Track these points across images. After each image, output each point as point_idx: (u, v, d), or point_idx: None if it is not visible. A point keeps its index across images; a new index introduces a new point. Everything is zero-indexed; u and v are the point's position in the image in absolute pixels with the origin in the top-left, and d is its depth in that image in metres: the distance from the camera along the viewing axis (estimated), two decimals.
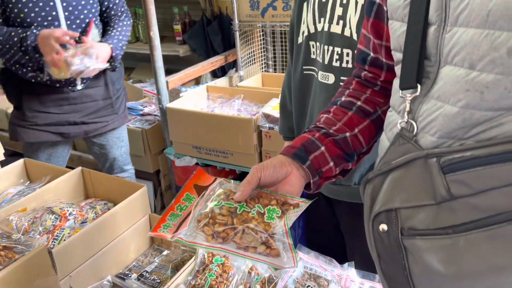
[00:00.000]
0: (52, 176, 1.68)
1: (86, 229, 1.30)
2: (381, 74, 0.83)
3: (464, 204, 0.54)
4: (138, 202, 1.50)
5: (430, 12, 0.59)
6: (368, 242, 0.65)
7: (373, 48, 0.82)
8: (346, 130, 0.80)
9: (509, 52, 0.49)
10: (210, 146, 2.17)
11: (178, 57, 2.99)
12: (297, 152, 0.76)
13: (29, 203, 1.47)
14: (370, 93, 0.84)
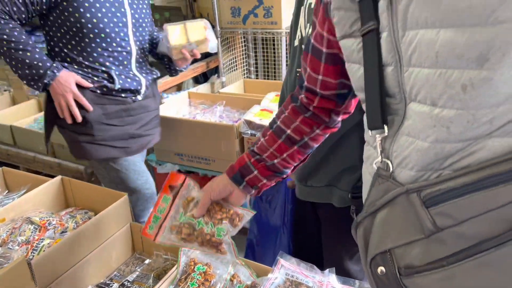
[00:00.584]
0: (31, 185, 1.65)
1: (67, 239, 1.28)
2: (315, 100, 0.91)
3: (451, 234, 0.56)
4: (119, 211, 1.49)
5: (384, 54, 0.62)
6: (370, 284, 0.68)
7: (308, 79, 0.90)
8: (276, 156, 0.95)
9: (463, 88, 0.52)
10: (192, 153, 2.17)
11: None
12: (234, 176, 0.97)
13: (7, 213, 1.45)
14: (300, 121, 0.94)
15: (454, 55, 0.53)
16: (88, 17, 1.53)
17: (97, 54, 1.60)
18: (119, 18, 1.59)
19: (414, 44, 0.57)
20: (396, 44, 0.60)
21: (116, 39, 1.60)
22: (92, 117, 1.64)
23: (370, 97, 0.65)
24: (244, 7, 2.47)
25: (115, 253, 1.49)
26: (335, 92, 0.88)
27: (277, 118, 0.98)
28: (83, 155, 1.72)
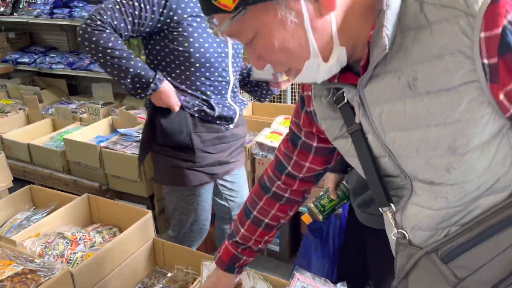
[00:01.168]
0: (58, 202, 1.77)
1: (99, 253, 1.40)
2: (295, 184, 1.03)
3: (472, 281, 0.68)
4: (143, 228, 1.60)
5: (374, 150, 0.75)
6: None
7: (293, 166, 1.00)
8: (259, 242, 1.11)
9: (447, 170, 0.66)
10: None
11: None
12: (227, 268, 1.14)
13: (40, 228, 1.56)
14: (276, 210, 1.07)
15: (430, 148, 0.66)
16: (197, 47, 1.57)
17: (199, 83, 1.63)
18: (222, 49, 1.64)
19: (396, 143, 0.70)
20: (382, 142, 0.73)
21: (218, 69, 1.64)
22: (196, 144, 1.67)
23: (372, 184, 0.77)
24: None
25: (139, 266, 1.59)
26: (316, 173, 1.01)
27: (252, 208, 1.10)
28: (179, 181, 1.71)
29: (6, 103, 3.70)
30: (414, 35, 0.63)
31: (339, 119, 0.79)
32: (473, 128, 0.62)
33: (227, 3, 0.62)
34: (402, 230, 0.78)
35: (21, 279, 1.10)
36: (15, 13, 3.73)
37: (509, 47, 0.56)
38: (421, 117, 0.64)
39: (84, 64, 3.50)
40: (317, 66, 0.68)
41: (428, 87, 0.62)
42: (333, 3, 0.62)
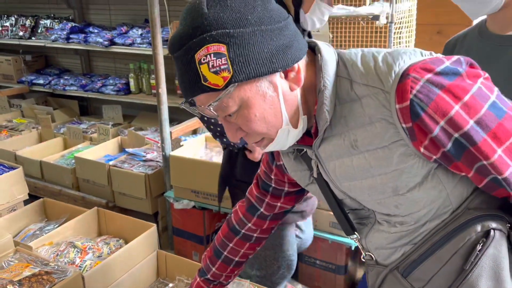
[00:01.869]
0: (70, 214, 1.89)
1: (106, 262, 1.51)
2: (265, 224, 1.15)
3: None
4: (148, 240, 1.72)
5: (337, 194, 0.89)
6: None
7: (265, 207, 1.12)
8: (229, 277, 1.21)
9: (396, 207, 0.81)
10: (207, 191, 2.40)
11: (178, 108, 3.27)
12: None
13: (53, 238, 1.68)
14: (246, 248, 1.17)
15: (378, 193, 0.81)
16: None
17: None
18: None
19: (351, 190, 0.85)
20: (340, 190, 0.87)
21: None
22: None
23: (338, 218, 0.93)
24: None
25: (143, 276, 1.70)
26: (286, 210, 1.14)
27: (222, 249, 1.19)
28: None
29: (20, 121, 3.87)
30: (350, 107, 0.78)
31: (306, 170, 0.93)
32: (407, 174, 0.76)
33: (217, 82, 0.71)
34: (369, 252, 0.92)
35: (37, 280, 1.22)
36: (33, 37, 3.94)
37: (418, 114, 0.70)
38: (365, 169, 0.79)
39: (96, 86, 3.68)
40: (287, 133, 0.80)
41: (367, 146, 0.77)
42: (300, 80, 0.77)
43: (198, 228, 2.54)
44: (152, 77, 3.42)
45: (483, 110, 0.70)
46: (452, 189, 0.78)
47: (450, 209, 0.80)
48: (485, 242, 0.76)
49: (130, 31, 3.44)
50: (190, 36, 0.71)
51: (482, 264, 0.76)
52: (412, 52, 0.75)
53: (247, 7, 0.72)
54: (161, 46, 2.42)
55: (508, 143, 0.71)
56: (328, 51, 0.80)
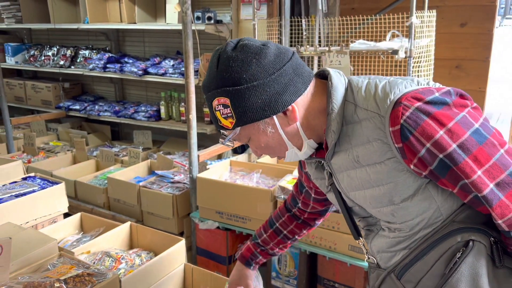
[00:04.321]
0: (105, 228, 2.03)
1: (141, 269, 1.63)
2: (305, 214, 1.33)
3: None
4: (176, 253, 1.83)
5: (347, 202, 1.05)
6: None
7: (302, 204, 1.32)
8: (275, 247, 1.40)
9: (392, 214, 0.94)
10: (231, 212, 2.52)
11: (206, 135, 3.44)
12: (247, 262, 1.42)
13: (90, 247, 1.82)
14: (294, 226, 1.36)
15: (377, 202, 0.94)
16: None
17: None
18: None
19: (357, 198, 0.99)
20: (349, 198, 1.02)
21: None
22: None
23: (348, 224, 1.08)
24: None
25: (171, 286, 1.81)
26: (320, 211, 1.32)
27: (275, 221, 1.39)
28: None
29: (56, 144, 4.11)
30: (353, 127, 0.92)
31: (324, 179, 1.08)
32: (401, 186, 0.89)
33: (227, 125, 0.93)
34: (372, 256, 1.05)
35: (80, 280, 1.34)
36: (72, 66, 4.24)
37: (407, 137, 0.83)
38: (366, 180, 0.93)
39: (128, 112, 3.91)
40: (295, 153, 1.00)
41: (366, 161, 0.92)
42: (295, 117, 0.93)
43: (221, 248, 2.64)
44: (181, 105, 3.62)
45: (465, 136, 0.82)
46: (442, 202, 0.90)
47: (441, 220, 0.91)
48: (464, 251, 0.87)
49: (163, 62, 3.68)
50: (208, 88, 0.94)
51: (461, 270, 0.87)
52: (410, 81, 0.90)
53: (243, 67, 0.89)
54: (193, 75, 2.61)
55: (488, 165, 0.81)
56: (339, 78, 0.95)
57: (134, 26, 3.59)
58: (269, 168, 2.77)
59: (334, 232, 2.20)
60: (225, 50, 0.91)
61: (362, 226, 1.09)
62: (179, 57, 3.71)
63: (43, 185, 2.03)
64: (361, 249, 2.04)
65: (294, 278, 2.52)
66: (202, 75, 3.25)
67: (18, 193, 1.92)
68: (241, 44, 0.92)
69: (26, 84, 4.60)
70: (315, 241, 2.28)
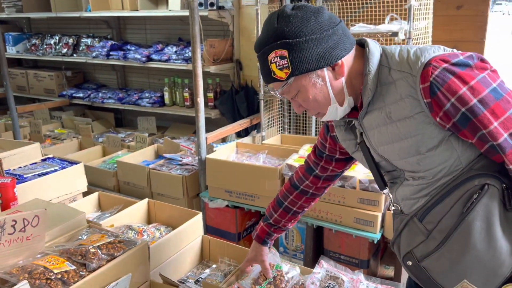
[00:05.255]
0: (123, 205, 2.13)
1: (162, 240, 1.74)
2: (319, 182, 1.46)
3: (436, 232, 1.06)
4: (193, 227, 1.94)
5: (375, 157, 1.17)
6: (406, 271, 1.18)
7: (320, 169, 1.44)
8: (287, 224, 1.54)
9: (418, 163, 1.05)
10: (240, 190, 2.63)
11: (210, 119, 3.54)
12: (263, 242, 1.56)
13: (113, 222, 1.92)
14: (303, 202, 1.50)
15: (405, 153, 1.06)
16: None
17: None
18: None
19: (386, 152, 1.11)
20: (378, 153, 1.15)
21: None
22: None
23: (375, 177, 1.22)
24: None
25: (189, 258, 1.92)
26: (337, 174, 1.45)
27: (284, 200, 1.51)
28: None
29: (61, 132, 4.19)
30: (387, 88, 1.06)
31: (353, 140, 1.22)
32: (427, 138, 1.02)
33: (282, 76, 1.04)
34: (397, 203, 1.18)
35: (113, 246, 1.44)
36: (75, 54, 4.29)
37: (435, 92, 0.97)
38: (396, 134, 1.06)
39: (132, 99, 3.98)
40: (335, 109, 1.11)
41: (398, 117, 1.05)
42: (343, 73, 1.06)
43: (230, 226, 2.76)
44: (185, 91, 3.70)
45: (484, 93, 0.95)
46: (462, 152, 1.03)
47: (460, 168, 1.04)
48: (480, 193, 1.00)
49: (165, 49, 3.75)
50: (265, 43, 1.04)
51: (477, 209, 1.00)
52: (437, 48, 1.03)
53: (303, 22, 1.02)
54: (200, 60, 2.69)
55: (503, 118, 0.95)
56: (375, 45, 1.08)
57: (136, 13, 3.65)
58: (274, 149, 2.87)
59: (340, 206, 2.32)
60: (284, 10, 1.03)
61: (387, 179, 1.22)
62: (181, 44, 3.79)
63: (63, 165, 2.12)
64: (366, 221, 2.18)
65: (301, 252, 2.64)
66: (206, 60, 3.33)
67: (41, 173, 2.01)
68: (299, 5, 1.05)
69: (28, 73, 4.64)
70: (321, 216, 2.41)
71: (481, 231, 1.00)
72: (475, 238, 1.01)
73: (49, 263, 1.32)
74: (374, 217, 2.23)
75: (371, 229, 2.25)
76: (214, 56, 3.41)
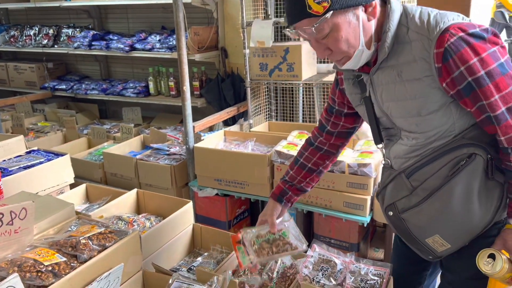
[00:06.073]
0: (111, 196, 2.11)
1: (153, 229, 1.73)
2: (332, 139, 1.49)
3: (420, 190, 1.15)
4: (184, 215, 1.93)
5: (377, 113, 1.24)
6: (387, 221, 1.30)
7: (331, 125, 1.48)
8: (302, 181, 1.54)
9: (417, 124, 1.14)
10: (229, 178, 2.62)
11: (196, 108, 3.50)
12: (278, 198, 1.54)
13: (102, 213, 1.89)
14: (317, 158, 1.52)
15: (407, 112, 1.14)
16: None
17: None
18: None
19: (390, 109, 1.18)
20: (381, 109, 1.21)
21: None
22: None
23: (373, 132, 1.29)
24: (270, 63, 3.01)
25: (181, 247, 1.91)
26: (347, 130, 1.47)
27: (299, 157, 1.54)
28: None
29: (44, 124, 4.10)
30: (403, 47, 1.10)
31: (359, 94, 1.28)
32: (429, 101, 1.07)
33: (319, 10, 1.01)
34: (388, 159, 1.26)
35: (104, 237, 1.42)
36: (55, 45, 4.19)
37: (447, 59, 1.01)
38: (403, 94, 1.10)
39: (116, 90, 3.92)
40: (361, 54, 1.11)
41: (407, 77, 1.08)
42: (375, 14, 1.08)
43: (221, 214, 2.75)
44: (170, 80, 3.65)
45: (492, 66, 0.99)
46: (457, 119, 1.08)
47: (453, 134, 1.10)
48: (467, 161, 1.07)
49: (149, 37, 3.69)
50: None
51: (461, 174, 1.07)
52: (456, 15, 1.05)
53: None
54: (185, 47, 2.65)
55: (504, 92, 1.00)
56: (396, 4, 1.10)
57: (118, 2, 3.58)
58: (262, 136, 2.87)
59: (330, 190, 2.34)
60: None
61: (384, 136, 1.28)
62: (165, 32, 3.73)
63: (48, 157, 2.08)
64: (355, 205, 2.20)
65: None
66: (191, 48, 3.29)
67: (26, 165, 1.97)
68: None
69: (8, 65, 4.53)
70: (311, 201, 2.42)
71: (461, 194, 1.09)
72: (454, 200, 1.09)
73: (39, 256, 1.29)
74: (363, 201, 2.24)
75: (360, 212, 2.27)
76: (199, 44, 3.37)
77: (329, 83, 3.10)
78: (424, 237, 1.19)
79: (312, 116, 3.41)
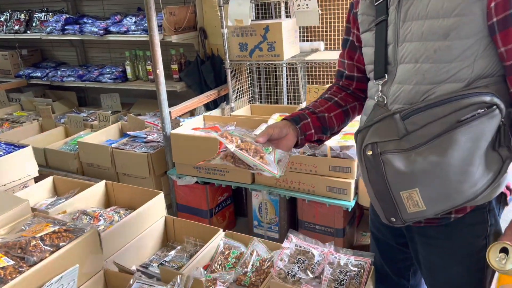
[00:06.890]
0: (79, 188, 1.98)
1: (117, 225, 1.61)
2: (353, 84, 1.32)
3: (415, 136, 0.97)
4: (155, 207, 1.81)
5: (389, 37, 1.07)
6: (359, 164, 1.08)
7: (347, 68, 1.31)
8: (325, 112, 1.27)
9: (435, 51, 0.97)
10: (208, 166, 2.50)
11: (176, 93, 3.36)
12: (294, 118, 1.22)
13: (65, 207, 1.77)
14: (344, 95, 1.32)
15: (431, 33, 0.96)
16: None
17: None
18: None
19: (409, 29, 1.01)
20: (397, 31, 1.03)
21: None
22: None
23: (377, 62, 1.08)
24: (250, 42, 2.86)
25: (152, 241, 1.80)
26: (365, 75, 1.26)
27: (326, 93, 1.33)
28: None
29: (20, 114, 3.94)
30: None
31: (371, 16, 1.11)
32: (466, 23, 0.92)
33: None
34: (384, 96, 1.08)
35: (57, 236, 1.31)
36: (28, 31, 4.00)
37: None
38: (437, 9, 0.95)
39: (93, 76, 3.76)
40: None
41: None
42: None
43: (201, 202, 2.64)
44: (148, 63, 3.50)
45: None
46: (479, 58, 0.95)
47: (467, 80, 0.96)
48: (486, 111, 0.91)
49: (124, 20, 3.51)
50: None
51: (473, 124, 0.91)
52: None
53: None
54: (157, 29, 2.50)
55: None
56: None
57: None
58: (243, 120, 2.74)
59: (312, 175, 2.22)
60: None
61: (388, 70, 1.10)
62: (141, 13, 3.55)
63: (8, 150, 1.94)
64: (339, 189, 2.05)
65: (275, 225, 2.56)
66: (167, 29, 3.13)
67: None
68: None
69: None
70: (293, 186, 2.31)
71: (464, 149, 0.93)
72: (454, 152, 0.93)
73: None
74: (347, 185, 2.13)
75: (344, 197, 2.17)
76: (175, 24, 3.20)
77: (313, 63, 2.97)
78: (400, 188, 1.00)
79: (297, 97, 3.27)
